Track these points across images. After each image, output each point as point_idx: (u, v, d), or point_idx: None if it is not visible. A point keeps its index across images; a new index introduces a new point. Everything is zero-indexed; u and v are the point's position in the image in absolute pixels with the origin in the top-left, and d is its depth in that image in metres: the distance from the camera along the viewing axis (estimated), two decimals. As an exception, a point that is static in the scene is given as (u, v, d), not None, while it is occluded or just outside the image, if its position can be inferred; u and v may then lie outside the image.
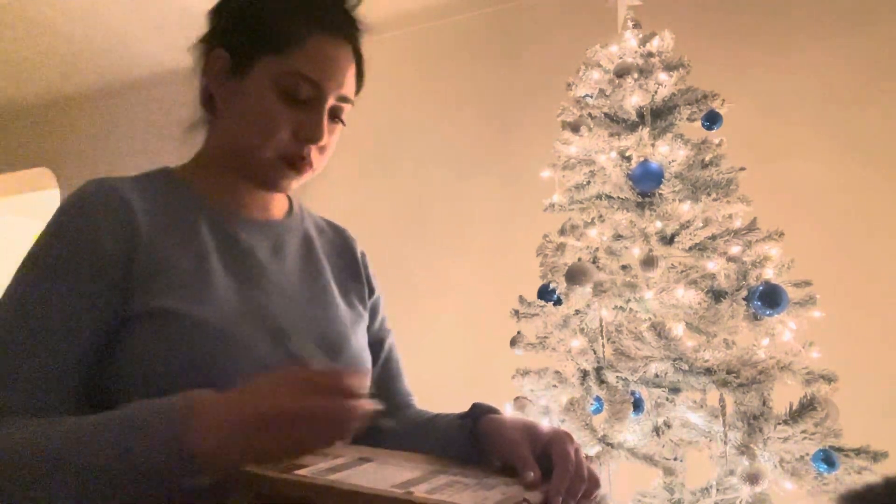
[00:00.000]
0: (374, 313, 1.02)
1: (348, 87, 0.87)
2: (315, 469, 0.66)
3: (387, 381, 1.00)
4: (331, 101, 0.86)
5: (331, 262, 0.97)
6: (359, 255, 1.03)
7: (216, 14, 0.91)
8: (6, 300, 0.76)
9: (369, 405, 0.66)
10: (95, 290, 0.76)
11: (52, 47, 3.62)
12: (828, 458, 1.44)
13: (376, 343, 1.01)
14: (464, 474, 0.72)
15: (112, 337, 0.76)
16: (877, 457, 1.49)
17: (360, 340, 0.92)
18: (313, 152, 0.86)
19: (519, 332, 1.86)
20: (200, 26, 0.93)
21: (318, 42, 0.84)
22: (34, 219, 5.70)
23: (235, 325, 0.78)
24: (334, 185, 3.16)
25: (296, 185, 0.90)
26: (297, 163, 0.86)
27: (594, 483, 0.74)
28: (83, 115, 4.20)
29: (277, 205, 0.95)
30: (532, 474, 0.71)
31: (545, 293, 1.83)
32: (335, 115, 0.88)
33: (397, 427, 0.72)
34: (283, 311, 0.84)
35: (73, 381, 0.75)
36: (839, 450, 1.48)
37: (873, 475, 1.47)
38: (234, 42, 0.86)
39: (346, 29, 0.87)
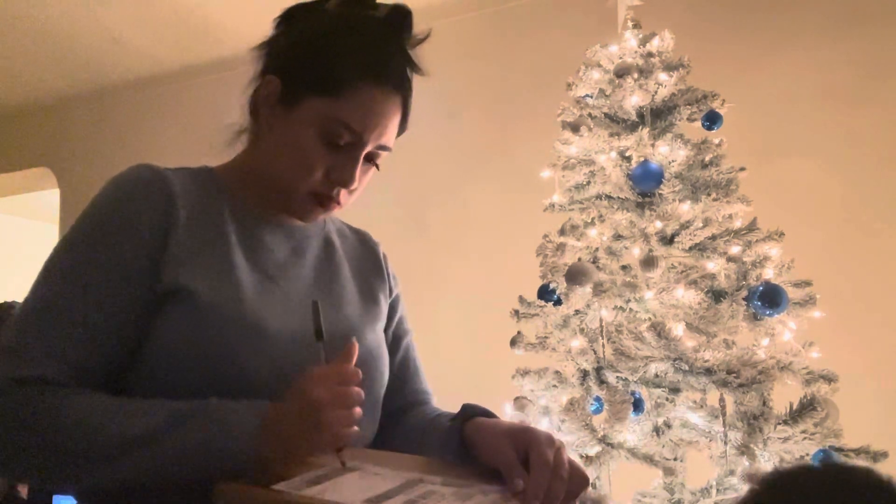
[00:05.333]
0: (392, 313, 1.03)
1: (389, 136, 0.89)
2: (294, 482, 0.67)
3: (403, 379, 1.02)
4: (369, 149, 0.87)
5: (352, 263, 1.00)
6: (380, 255, 1.06)
7: (280, 33, 0.91)
8: (53, 267, 0.80)
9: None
10: (135, 263, 0.79)
11: (52, 48, 3.62)
12: (828, 458, 1.44)
13: (393, 342, 1.02)
14: (445, 482, 0.71)
15: (147, 314, 0.79)
16: (877, 457, 1.49)
17: (376, 337, 0.94)
18: (342, 193, 0.89)
19: (519, 332, 1.86)
20: (199, 26, 0.93)
21: (366, 93, 0.84)
22: (34, 219, 5.70)
23: (253, 314, 0.81)
24: (334, 185, 3.15)
25: (321, 218, 0.94)
26: (325, 201, 0.88)
27: (580, 482, 0.74)
28: (83, 115, 4.20)
29: None
30: (521, 482, 0.71)
31: (545, 293, 1.83)
32: (370, 159, 0.90)
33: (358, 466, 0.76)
34: (298, 306, 0.86)
35: (111, 352, 0.78)
36: (839, 450, 1.48)
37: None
38: (288, 74, 0.87)
39: (399, 80, 0.88)
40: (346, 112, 0.84)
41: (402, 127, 0.93)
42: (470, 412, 0.84)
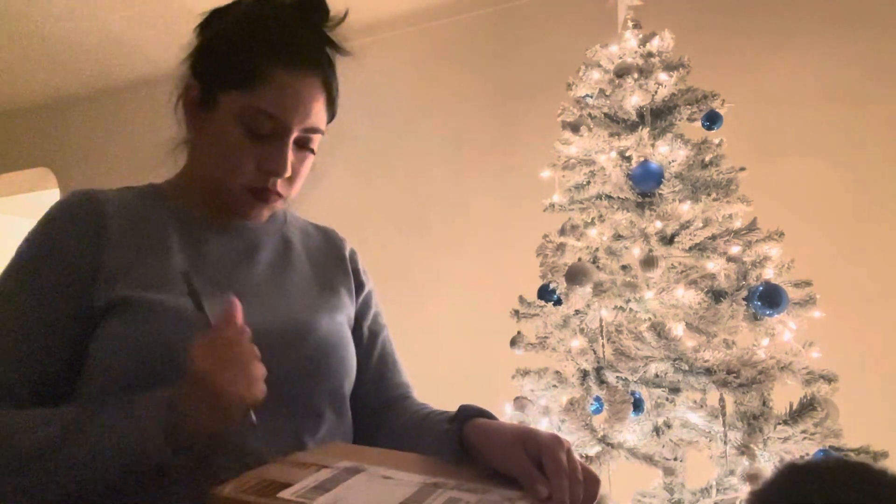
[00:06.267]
0: (365, 308, 1.02)
1: (315, 118, 0.87)
2: (300, 489, 0.63)
3: (382, 375, 1.01)
4: (295, 134, 0.86)
5: (312, 259, 0.98)
6: (346, 253, 1.04)
7: (196, 39, 0.92)
8: None
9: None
10: (62, 288, 0.81)
11: (52, 48, 3.62)
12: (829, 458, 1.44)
13: (370, 337, 1.01)
14: (461, 486, 0.69)
15: (85, 333, 0.81)
16: (877, 457, 1.49)
17: (333, 326, 0.92)
18: (280, 183, 0.88)
19: (519, 332, 1.86)
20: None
21: (280, 78, 0.84)
22: (34, 219, 5.70)
23: (191, 311, 0.80)
24: (334, 185, 3.16)
25: (266, 213, 0.92)
26: (263, 194, 0.88)
27: (593, 483, 0.73)
28: (83, 115, 4.20)
29: None
30: (545, 489, 0.69)
31: (545, 293, 1.83)
32: (304, 145, 0.89)
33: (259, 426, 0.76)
34: (248, 301, 0.84)
35: (39, 374, 0.80)
36: (839, 450, 1.47)
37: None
38: (204, 75, 0.88)
39: (313, 61, 0.87)
40: (263, 100, 0.83)
41: (332, 109, 0.91)
42: (467, 413, 0.82)
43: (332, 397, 0.89)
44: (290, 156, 0.86)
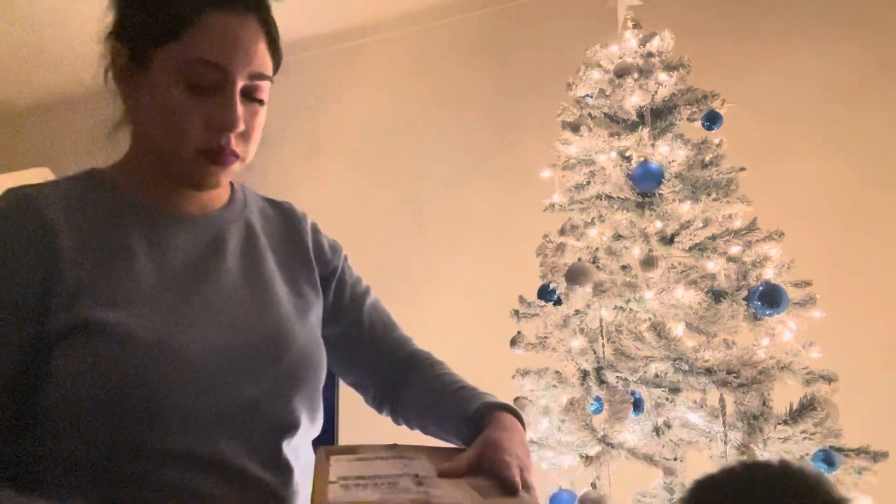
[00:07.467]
0: (340, 285, 0.97)
1: (259, 62, 0.80)
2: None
3: (384, 341, 0.99)
4: (241, 83, 0.79)
5: (275, 249, 0.91)
6: (306, 234, 0.96)
7: (111, 6, 0.85)
8: None
9: None
10: (12, 318, 0.72)
11: (51, 48, 3.62)
12: (828, 458, 1.44)
13: (356, 311, 0.98)
14: (422, 479, 0.70)
15: (39, 357, 0.73)
16: (877, 457, 1.49)
17: (308, 333, 0.88)
18: (234, 141, 0.80)
19: (519, 332, 1.86)
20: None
21: (214, 21, 0.76)
22: (34, 219, 5.69)
23: (170, 336, 0.74)
24: (333, 185, 3.16)
25: (225, 179, 0.84)
26: (217, 155, 0.79)
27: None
28: (83, 115, 4.20)
29: (216, 195, 0.89)
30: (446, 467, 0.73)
31: (545, 293, 1.83)
32: (251, 96, 0.81)
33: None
34: (223, 314, 0.80)
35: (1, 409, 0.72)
36: (839, 450, 1.48)
37: (874, 475, 1.47)
38: (129, 34, 0.80)
39: (246, 1, 0.79)
40: (200, 48, 0.76)
41: (276, 54, 0.83)
42: (488, 409, 0.84)
43: (308, 404, 0.86)
44: (240, 108, 0.78)
